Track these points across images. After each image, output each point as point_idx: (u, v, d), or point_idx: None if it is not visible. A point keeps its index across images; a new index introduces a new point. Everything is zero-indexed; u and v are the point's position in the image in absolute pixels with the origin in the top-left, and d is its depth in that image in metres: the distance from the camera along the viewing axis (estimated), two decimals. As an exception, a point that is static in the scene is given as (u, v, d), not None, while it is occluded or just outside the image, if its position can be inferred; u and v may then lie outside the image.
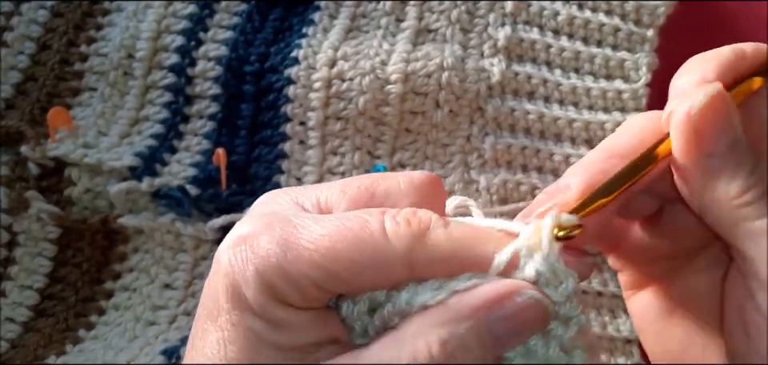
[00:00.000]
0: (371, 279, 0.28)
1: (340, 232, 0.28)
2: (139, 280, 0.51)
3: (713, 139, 0.30)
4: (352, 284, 0.28)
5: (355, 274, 0.28)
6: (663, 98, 0.52)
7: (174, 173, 0.51)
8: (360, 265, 0.28)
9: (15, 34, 0.54)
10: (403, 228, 0.28)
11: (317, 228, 0.28)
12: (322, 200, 0.31)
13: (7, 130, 0.51)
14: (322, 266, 0.27)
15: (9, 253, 0.50)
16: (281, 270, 0.27)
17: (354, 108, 0.50)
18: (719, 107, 0.29)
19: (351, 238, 0.28)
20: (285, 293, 0.28)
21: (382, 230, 0.28)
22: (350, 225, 0.28)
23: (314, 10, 0.54)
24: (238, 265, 0.28)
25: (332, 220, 0.28)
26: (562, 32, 0.53)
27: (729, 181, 0.29)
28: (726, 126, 0.29)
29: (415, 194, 0.30)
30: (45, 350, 0.48)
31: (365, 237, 0.28)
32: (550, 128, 0.51)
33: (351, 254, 0.27)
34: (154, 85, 0.53)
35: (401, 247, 0.28)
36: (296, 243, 0.28)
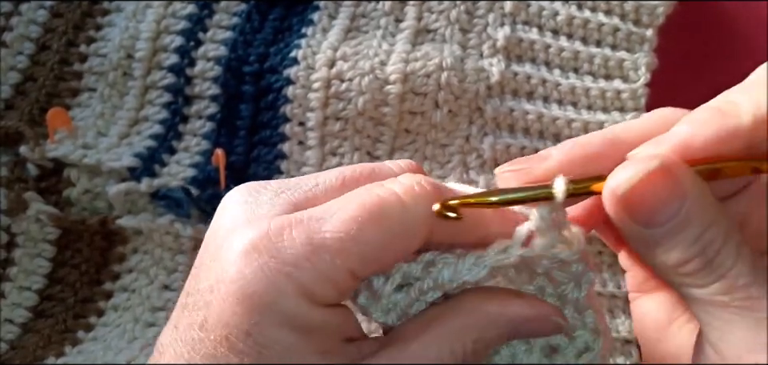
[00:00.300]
0: (399, 250, 0.28)
1: (361, 212, 0.27)
2: (138, 281, 0.50)
3: (646, 216, 0.27)
4: (382, 260, 0.28)
5: (385, 248, 0.28)
6: (663, 98, 0.52)
7: (173, 173, 0.51)
8: (389, 238, 0.28)
9: (14, 35, 0.54)
10: (419, 191, 0.28)
11: (337, 215, 0.27)
12: (321, 186, 0.30)
13: (6, 130, 0.51)
14: (354, 253, 0.27)
15: (8, 254, 0.50)
16: (315, 270, 0.27)
17: (353, 108, 0.50)
18: (658, 183, 0.27)
19: (375, 214, 0.27)
20: (320, 291, 0.27)
21: (398, 199, 0.28)
22: (366, 201, 0.28)
23: (313, 10, 0.54)
24: (262, 279, 0.27)
25: (344, 203, 0.28)
26: (561, 32, 0.53)
27: (667, 251, 0.28)
28: (661, 203, 0.27)
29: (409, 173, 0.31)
30: (44, 351, 0.48)
31: (387, 209, 0.28)
32: (549, 128, 0.51)
33: (380, 230, 0.27)
34: (153, 85, 0.53)
35: (422, 210, 0.28)
36: (322, 238, 0.27)
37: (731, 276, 0.27)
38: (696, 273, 0.27)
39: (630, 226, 0.28)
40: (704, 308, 0.28)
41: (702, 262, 0.27)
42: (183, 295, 0.30)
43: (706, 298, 0.27)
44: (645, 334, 0.35)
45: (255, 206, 0.29)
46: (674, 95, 0.53)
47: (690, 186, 0.27)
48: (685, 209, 0.27)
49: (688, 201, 0.27)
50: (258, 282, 0.27)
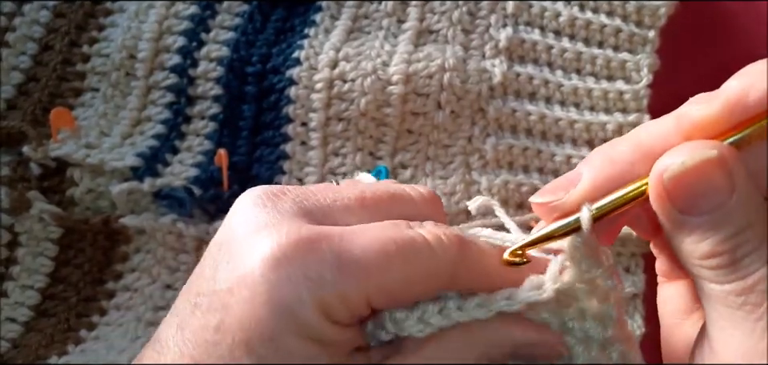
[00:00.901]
0: (419, 291, 0.29)
1: (392, 246, 0.28)
2: (141, 280, 0.51)
3: (688, 203, 0.27)
4: (401, 298, 0.29)
5: (407, 287, 0.28)
6: (664, 98, 0.52)
7: (176, 173, 0.51)
8: (413, 278, 0.28)
9: (17, 35, 0.54)
10: (446, 242, 0.29)
11: (368, 241, 0.28)
12: (340, 202, 0.30)
13: (9, 130, 0.51)
14: (377, 283, 0.28)
15: (10, 253, 0.50)
16: (338, 291, 0.27)
17: (355, 109, 0.50)
18: (706, 173, 0.27)
19: (405, 251, 0.28)
20: (337, 312, 0.28)
21: (427, 244, 0.28)
22: (397, 237, 0.28)
23: (315, 10, 0.54)
24: (288, 288, 0.27)
25: (377, 232, 0.28)
26: (563, 33, 0.53)
27: (697, 241, 0.27)
28: (708, 194, 0.27)
29: (429, 207, 0.32)
30: (46, 350, 0.48)
31: (416, 250, 0.28)
32: (552, 129, 0.52)
33: (405, 268, 0.28)
34: (156, 85, 0.53)
35: (448, 259, 0.29)
36: (350, 259, 0.27)
37: (752, 279, 0.27)
38: (719, 268, 0.27)
39: (667, 208, 0.28)
40: (715, 304, 0.28)
41: (729, 259, 0.27)
42: (191, 295, 0.29)
43: (720, 294, 0.27)
44: (664, 318, 0.35)
45: (275, 211, 0.29)
46: (675, 96, 0.54)
47: (739, 183, 0.27)
48: (729, 205, 0.27)
49: (734, 197, 0.27)
50: (284, 289, 0.27)
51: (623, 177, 0.29)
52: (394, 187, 0.32)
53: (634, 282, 0.49)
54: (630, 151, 0.29)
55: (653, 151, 0.29)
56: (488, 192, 0.50)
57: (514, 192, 0.51)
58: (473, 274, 0.30)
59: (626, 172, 0.29)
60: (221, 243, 0.29)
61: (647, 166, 0.28)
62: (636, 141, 0.30)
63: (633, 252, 0.50)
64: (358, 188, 0.31)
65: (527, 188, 0.51)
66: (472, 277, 0.30)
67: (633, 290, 0.49)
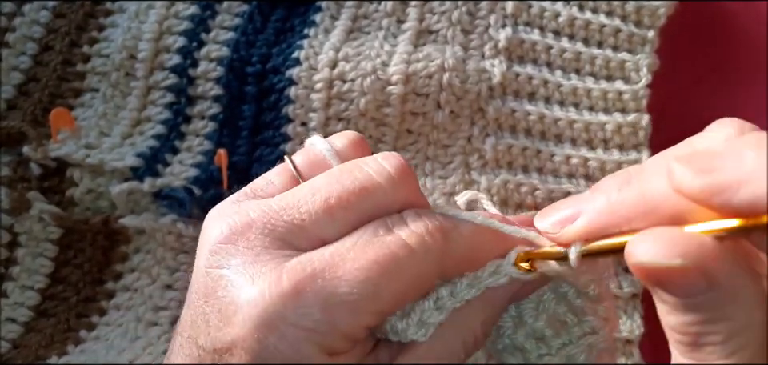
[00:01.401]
0: (411, 297, 0.29)
1: (377, 269, 0.27)
2: (140, 281, 0.51)
3: (658, 286, 0.26)
4: (396, 309, 0.29)
5: (399, 303, 0.29)
6: (664, 98, 0.52)
7: (176, 173, 0.51)
8: (402, 294, 0.29)
9: (17, 35, 0.54)
10: (429, 241, 0.29)
11: (351, 273, 0.27)
12: (307, 224, 0.29)
13: (9, 130, 0.51)
14: (370, 312, 0.28)
15: (10, 253, 0.50)
16: (335, 331, 0.27)
17: (355, 109, 0.51)
18: (675, 275, 0.25)
19: (389, 272, 0.28)
20: (340, 346, 0.28)
21: (410, 251, 0.28)
22: (379, 257, 0.28)
23: (315, 10, 0.54)
24: (286, 347, 0.27)
25: (357, 256, 0.28)
26: (562, 33, 0.53)
27: (668, 311, 0.26)
28: (677, 289, 0.25)
29: (400, 185, 0.31)
30: (46, 350, 0.48)
31: (400, 265, 0.28)
32: (551, 129, 0.52)
33: (394, 289, 0.28)
34: (156, 86, 0.53)
35: (434, 258, 0.29)
36: (339, 300, 0.27)
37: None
38: (684, 344, 0.26)
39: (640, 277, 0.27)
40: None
41: (692, 341, 0.26)
42: (190, 342, 0.29)
43: (681, 362, 0.27)
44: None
45: (248, 253, 0.29)
46: (675, 96, 0.54)
47: (720, 280, 0.25)
48: (701, 299, 0.25)
49: (710, 294, 0.25)
50: (283, 350, 0.27)
51: (619, 227, 0.28)
52: (359, 175, 0.30)
53: (632, 282, 0.49)
54: (632, 206, 0.28)
55: (653, 216, 0.27)
56: (487, 192, 0.50)
57: (513, 192, 0.51)
58: (460, 260, 0.30)
59: (623, 224, 0.28)
60: (206, 296, 0.29)
61: (646, 225, 0.27)
62: (640, 196, 0.28)
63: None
64: (321, 195, 0.29)
65: (526, 188, 0.51)
66: (460, 263, 0.30)
67: (632, 290, 0.49)
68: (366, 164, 0.30)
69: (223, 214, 0.30)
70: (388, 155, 0.31)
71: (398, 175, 0.30)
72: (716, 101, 0.55)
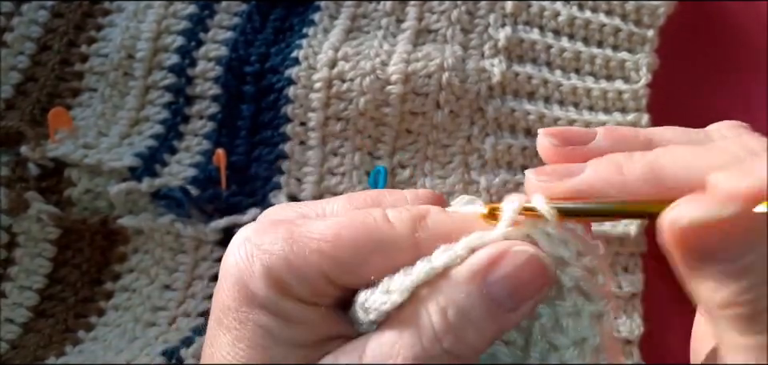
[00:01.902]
0: (379, 265, 0.28)
1: (343, 223, 0.28)
2: (139, 281, 0.50)
3: (706, 253, 0.25)
4: (360, 272, 0.28)
5: (362, 260, 0.28)
6: (663, 98, 0.52)
7: (174, 173, 0.51)
8: (366, 250, 0.28)
9: (15, 35, 0.54)
10: (405, 214, 0.29)
11: (321, 223, 0.28)
12: (328, 210, 0.31)
13: (7, 130, 0.51)
14: (328, 255, 0.27)
15: (8, 254, 0.50)
16: (287, 263, 0.28)
17: (354, 109, 0.50)
18: (728, 228, 0.24)
19: (356, 226, 0.28)
20: (293, 287, 0.28)
21: (384, 217, 0.28)
22: (353, 216, 0.29)
23: (314, 10, 0.54)
24: (243, 262, 0.28)
25: (335, 217, 0.29)
26: (562, 33, 0.53)
27: (716, 288, 0.25)
28: (729, 247, 0.25)
29: (421, 201, 0.31)
30: (44, 350, 0.48)
31: (369, 224, 0.28)
32: (551, 129, 0.51)
33: (357, 241, 0.28)
34: (154, 85, 0.53)
35: (405, 229, 0.28)
36: (300, 236, 0.28)
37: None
38: (738, 319, 0.25)
39: (682, 254, 0.26)
40: (731, 352, 0.26)
41: (750, 311, 0.25)
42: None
43: (737, 345, 0.26)
44: (694, 343, 0.33)
45: (274, 214, 0.31)
46: (675, 96, 0.54)
47: (757, 238, 0.24)
48: (751, 258, 0.25)
49: (756, 251, 0.25)
50: (240, 264, 0.28)
51: (625, 196, 0.27)
52: (387, 191, 0.32)
53: (632, 282, 0.49)
54: (643, 180, 0.27)
55: (666, 191, 0.27)
56: (487, 192, 0.50)
57: (512, 192, 0.50)
58: (437, 239, 0.28)
59: (631, 195, 0.27)
60: None
61: (656, 194, 0.27)
62: (652, 171, 0.27)
63: (632, 252, 0.50)
64: (346, 197, 0.32)
65: (526, 188, 0.51)
66: (440, 238, 0.28)
67: (631, 290, 0.49)
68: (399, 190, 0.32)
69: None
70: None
71: (423, 194, 0.32)
72: (716, 100, 0.54)
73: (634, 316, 0.49)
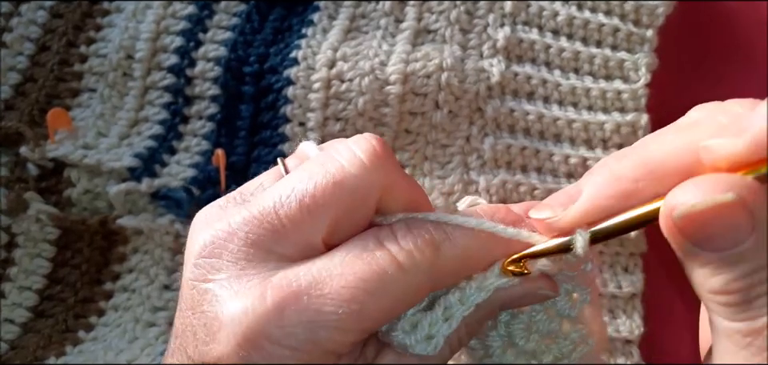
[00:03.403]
0: (403, 309, 0.29)
1: (362, 289, 0.27)
2: (138, 281, 0.50)
3: (702, 239, 0.26)
4: (388, 320, 0.29)
5: (387, 318, 0.29)
6: (663, 98, 0.52)
7: (173, 174, 0.51)
8: (390, 310, 0.28)
9: (14, 35, 0.54)
10: (418, 257, 0.28)
11: (335, 290, 0.27)
12: (287, 223, 0.29)
13: (6, 131, 0.51)
14: (355, 330, 0.28)
15: (8, 254, 0.50)
16: (319, 350, 0.27)
17: (353, 109, 0.50)
18: (723, 215, 0.25)
19: (374, 290, 0.27)
20: (323, 361, 0.28)
21: (398, 267, 0.28)
22: (366, 275, 0.27)
23: (313, 10, 0.54)
24: (266, 362, 0.27)
25: (343, 272, 0.28)
26: (561, 32, 0.53)
27: (710, 274, 0.26)
28: (724, 234, 0.25)
29: (375, 170, 0.30)
30: (44, 351, 0.48)
31: (387, 283, 0.28)
32: (550, 128, 0.51)
33: (380, 307, 0.28)
34: (153, 86, 0.53)
35: (422, 276, 0.28)
36: (323, 320, 0.27)
37: (761, 322, 0.25)
38: (729, 306, 0.26)
39: (678, 241, 0.26)
40: (722, 338, 0.27)
41: (741, 298, 0.26)
42: (180, 350, 0.30)
43: (728, 330, 0.26)
44: (702, 334, 0.34)
45: (231, 266, 0.28)
46: (674, 95, 0.53)
47: (760, 222, 0.25)
48: (746, 244, 0.25)
49: (753, 237, 0.25)
50: (265, 346, 0.27)
51: (627, 196, 0.28)
52: (330, 167, 0.29)
53: (632, 282, 0.49)
54: (635, 168, 0.28)
55: (661, 172, 0.27)
56: (486, 192, 0.50)
57: (511, 192, 0.50)
58: (453, 271, 0.29)
59: (630, 191, 0.28)
60: (192, 308, 0.29)
61: (653, 185, 0.27)
62: (642, 158, 0.28)
63: (632, 252, 0.50)
64: (295, 196, 0.29)
65: (525, 188, 0.50)
66: (453, 274, 0.29)
67: (631, 290, 0.49)
68: (337, 153, 0.29)
69: (208, 222, 0.30)
70: (359, 139, 0.30)
71: (370, 160, 0.29)
72: (715, 100, 0.54)
73: (634, 316, 0.49)
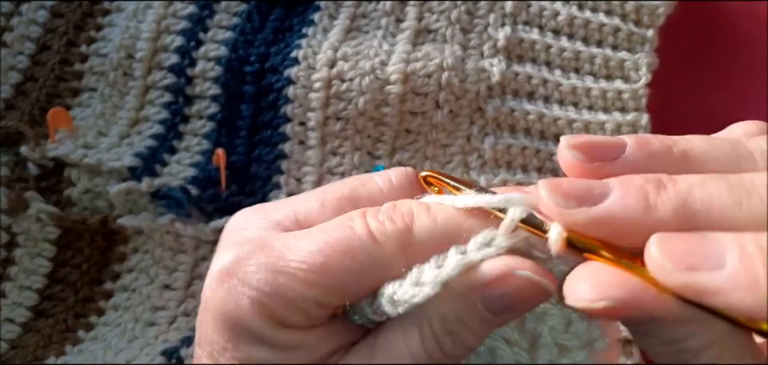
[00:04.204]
0: (372, 282, 0.28)
1: (329, 246, 0.27)
2: (139, 281, 0.50)
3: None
4: (353, 292, 0.28)
5: (354, 283, 0.28)
6: (663, 98, 0.52)
7: (174, 173, 0.51)
8: (357, 274, 0.27)
9: (15, 35, 0.54)
10: (390, 227, 0.27)
11: (304, 246, 0.27)
12: (301, 214, 0.30)
13: (7, 130, 0.51)
14: (318, 284, 0.27)
15: (8, 253, 0.50)
16: (277, 295, 0.27)
17: (353, 108, 0.50)
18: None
19: (341, 249, 0.27)
20: (287, 317, 0.27)
21: (369, 234, 0.27)
22: (337, 236, 0.27)
23: (313, 10, 0.54)
24: (228, 298, 0.27)
25: (316, 234, 0.28)
26: (562, 32, 0.53)
27: (641, 336, 0.26)
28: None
29: (396, 195, 0.30)
30: (44, 350, 0.48)
31: (355, 245, 0.27)
32: (550, 128, 0.51)
33: (346, 266, 0.27)
34: (154, 85, 0.53)
35: (392, 246, 0.27)
36: (286, 267, 0.27)
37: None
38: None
39: None
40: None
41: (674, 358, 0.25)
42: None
43: None
44: None
45: (243, 229, 0.30)
46: (675, 95, 0.53)
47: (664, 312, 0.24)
48: (655, 324, 0.25)
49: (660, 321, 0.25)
50: (228, 303, 0.28)
51: (645, 232, 0.26)
52: (358, 180, 0.31)
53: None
54: (673, 218, 0.25)
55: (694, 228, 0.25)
56: (486, 192, 0.50)
57: (512, 192, 0.50)
58: (430, 245, 0.27)
59: (655, 228, 0.26)
60: None
61: None
62: (685, 210, 0.25)
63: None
64: (318, 192, 0.30)
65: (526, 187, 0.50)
66: (430, 248, 0.28)
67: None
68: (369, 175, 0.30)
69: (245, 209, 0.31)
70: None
71: (396, 179, 0.30)
72: (716, 100, 0.54)
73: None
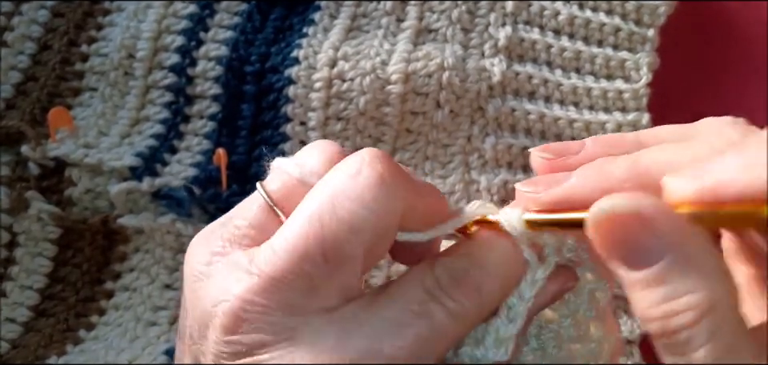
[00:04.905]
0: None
1: (419, 343, 0.28)
2: (140, 280, 0.50)
3: (620, 256, 0.25)
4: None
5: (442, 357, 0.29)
6: (664, 97, 0.52)
7: (175, 173, 0.51)
8: (445, 351, 0.29)
9: (16, 34, 0.54)
10: (468, 305, 0.29)
11: (390, 347, 0.28)
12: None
13: (8, 130, 0.51)
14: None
15: (9, 253, 0.50)
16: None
17: (354, 108, 0.50)
18: (633, 228, 0.25)
19: (431, 343, 0.28)
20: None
21: (451, 318, 0.29)
22: (423, 328, 0.29)
23: (314, 9, 0.54)
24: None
25: (400, 332, 0.28)
26: (562, 32, 0.53)
27: (641, 293, 0.25)
28: (637, 250, 0.25)
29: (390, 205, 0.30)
30: (45, 350, 0.48)
31: (442, 333, 0.29)
32: (551, 128, 0.51)
33: (438, 351, 0.29)
34: (155, 85, 0.53)
35: (474, 320, 0.30)
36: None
37: (695, 359, 0.24)
38: (660, 333, 0.25)
39: (599, 250, 0.26)
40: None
41: (666, 326, 0.24)
42: (189, 341, 0.31)
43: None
44: None
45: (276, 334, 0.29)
46: (675, 95, 0.54)
47: (673, 240, 0.24)
48: (658, 268, 0.24)
49: (668, 257, 0.24)
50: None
51: (610, 189, 0.27)
52: (347, 217, 0.29)
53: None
54: (626, 170, 0.28)
55: (646, 180, 0.27)
56: (487, 192, 0.50)
57: (513, 191, 0.50)
58: (498, 299, 0.30)
59: (615, 187, 0.28)
60: (198, 314, 0.30)
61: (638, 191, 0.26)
62: (634, 164, 0.28)
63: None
64: (308, 263, 0.29)
65: (526, 187, 0.51)
66: (499, 301, 0.30)
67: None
68: (344, 193, 0.29)
69: (221, 286, 0.30)
70: (364, 167, 0.29)
71: (382, 192, 0.29)
72: (716, 100, 0.54)
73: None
